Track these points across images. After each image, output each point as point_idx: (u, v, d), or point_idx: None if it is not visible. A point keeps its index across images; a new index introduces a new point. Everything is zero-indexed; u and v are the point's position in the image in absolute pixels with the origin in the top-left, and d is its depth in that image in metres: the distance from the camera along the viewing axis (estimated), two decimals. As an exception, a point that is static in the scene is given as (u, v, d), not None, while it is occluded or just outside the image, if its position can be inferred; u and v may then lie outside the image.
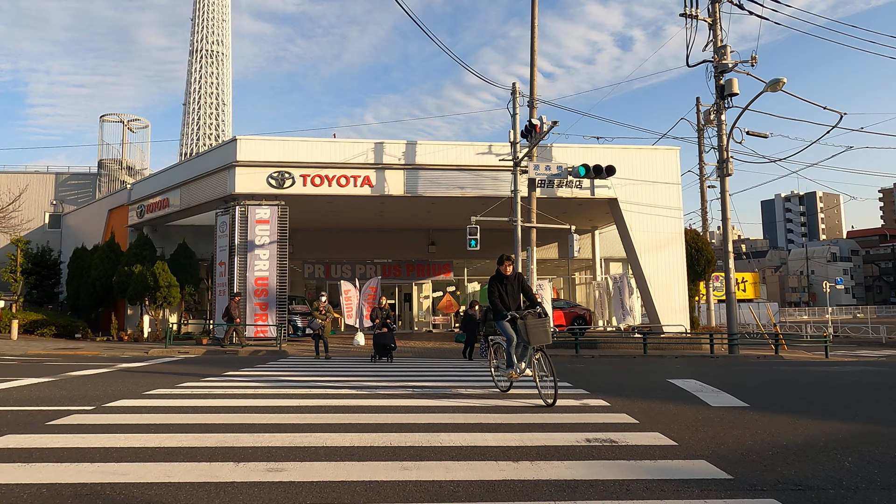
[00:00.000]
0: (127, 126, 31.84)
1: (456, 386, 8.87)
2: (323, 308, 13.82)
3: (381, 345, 13.15)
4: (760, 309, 42.77)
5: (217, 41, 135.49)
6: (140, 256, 22.65)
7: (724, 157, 17.52)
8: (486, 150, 19.90)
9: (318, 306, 13.84)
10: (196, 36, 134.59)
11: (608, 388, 8.69)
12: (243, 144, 18.95)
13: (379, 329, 13.22)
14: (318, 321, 13.69)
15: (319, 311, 13.76)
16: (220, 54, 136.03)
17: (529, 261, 17.40)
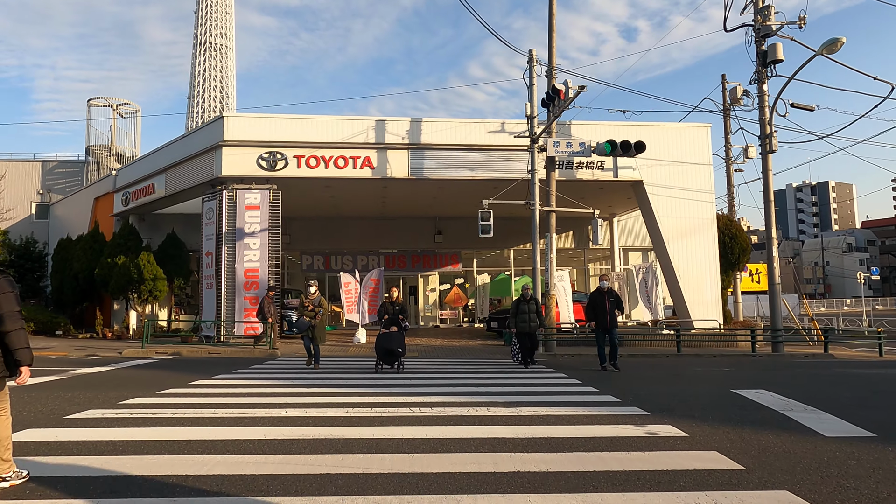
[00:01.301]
0: (116, 111, 30.12)
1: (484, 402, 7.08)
2: (310, 302, 10.84)
3: (386, 350, 10.33)
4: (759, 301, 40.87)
5: (221, 34, 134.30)
6: (124, 247, 20.97)
7: (768, 131, 15.64)
8: (499, 128, 18.07)
9: (305, 300, 11.07)
10: (199, 29, 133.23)
11: (666, 403, 6.91)
12: (231, 123, 17.18)
13: (387, 328, 10.67)
14: (304, 319, 10.90)
15: (306, 307, 10.96)
16: (224, 47, 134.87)
17: (548, 249, 15.60)
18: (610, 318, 11.25)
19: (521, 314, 11.56)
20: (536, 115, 15.39)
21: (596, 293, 11.54)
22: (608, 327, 11.23)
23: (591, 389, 7.97)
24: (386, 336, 10.47)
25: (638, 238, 26.67)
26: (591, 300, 11.58)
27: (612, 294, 11.48)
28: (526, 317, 11.51)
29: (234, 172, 17.09)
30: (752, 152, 26.21)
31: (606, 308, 11.19)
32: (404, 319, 10.83)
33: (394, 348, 10.23)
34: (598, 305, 11.33)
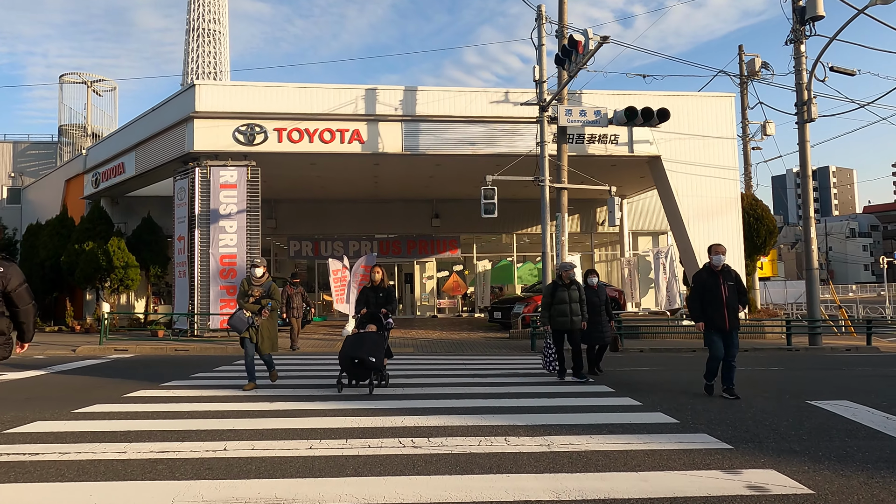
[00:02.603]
0: (91, 87, 28.19)
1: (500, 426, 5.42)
2: (257, 293, 7.30)
3: (352, 360, 7.00)
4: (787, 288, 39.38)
5: (214, 20, 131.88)
6: (92, 232, 19.23)
7: (806, 97, 13.92)
8: (502, 98, 16.31)
9: (247, 286, 7.43)
10: (192, 15, 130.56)
11: (743, 427, 5.23)
12: (203, 92, 15.38)
13: (361, 327, 7.59)
14: (243, 314, 7.22)
15: (248, 297, 7.33)
16: (218, 33, 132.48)
17: (559, 231, 13.92)
18: (730, 315, 6.78)
19: (558, 304, 8.21)
20: (546, 79, 13.64)
21: (704, 273, 7.09)
22: (728, 329, 6.76)
23: (631, 402, 6.32)
24: (356, 340, 7.20)
25: (648, 221, 25.02)
26: (697, 285, 7.07)
27: (731, 274, 7.03)
28: (566, 308, 8.18)
29: (208, 147, 15.32)
30: (770, 129, 24.55)
31: (724, 296, 6.77)
32: (389, 314, 7.72)
33: (365, 357, 6.94)
34: (709, 291, 6.87)
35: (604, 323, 8.80)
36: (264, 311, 7.29)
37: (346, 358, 7.05)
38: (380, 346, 7.21)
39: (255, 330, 7.26)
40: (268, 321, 7.37)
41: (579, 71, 11.42)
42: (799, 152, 14.18)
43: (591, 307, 8.58)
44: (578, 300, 8.28)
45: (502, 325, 17.55)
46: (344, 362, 7.10)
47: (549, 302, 8.33)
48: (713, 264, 7.08)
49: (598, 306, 8.73)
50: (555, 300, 8.26)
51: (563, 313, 8.21)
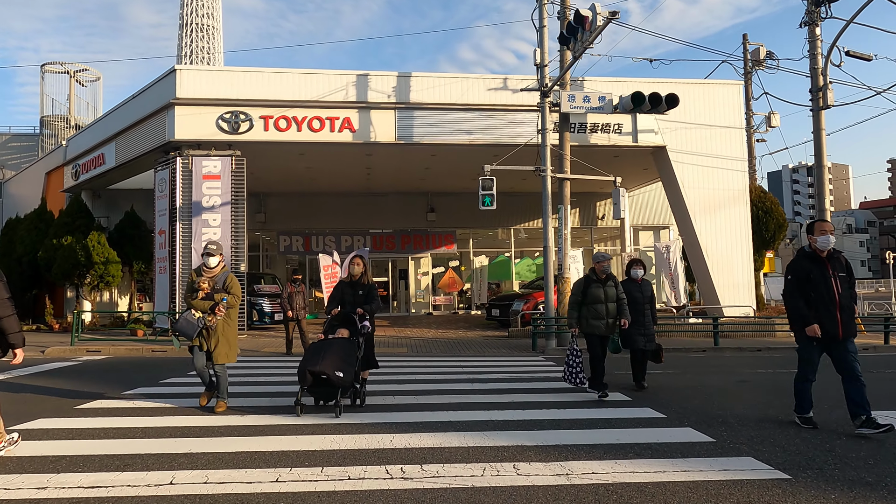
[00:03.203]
0: (74, 77, 27.23)
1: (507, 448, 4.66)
2: (207, 285, 5.88)
3: (313, 375, 5.54)
4: (788, 283, 38.69)
5: (207, 14, 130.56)
6: (71, 226, 18.34)
7: (822, 83, 13.19)
8: (501, 85, 15.53)
9: (197, 280, 5.97)
10: (186, 9, 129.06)
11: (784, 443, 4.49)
12: (185, 77, 14.53)
13: (330, 332, 6.20)
14: (192, 316, 5.78)
15: (197, 291, 5.90)
16: (211, 28, 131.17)
17: (562, 224, 13.17)
18: (845, 317, 5.02)
19: (592, 303, 6.78)
20: (548, 63, 12.85)
21: (805, 260, 5.20)
22: (841, 336, 5.02)
23: (652, 413, 5.58)
24: (319, 349, 5.77)
25: (649, 215, 24.31)
26: (796, 276, 5.20)
27: (841, 262, 5.21)
28: (601, 309, 6.72)
29: (190, 136, 14.48)
30: (775, 120, 23.89)
31: (836, 292, 5.00)
32: (367, 315, 6.27)
33: (329, 371, 5.45)
34: (815, 285, 5.07)
35: (648, 325, 7.31)
36: (219, 308, 5.75)
37: (305, 373, 5.49)
38: (350, 357, 5.71)
39: (207, 333, 5.73)
40: (224, 322, 5.83)
41: (585, 51, 10.64)
42: (814, 141, 13.47)
43: (634, 304, 7.16)
44: (616, 299, 6.82)
45: (500, 323, 16.82)
46: (302, 378, 5.52)
47: (580, 300, 6.85)
48: (818, 248, 5.09)
49: (641, 304, 7.26)
50: (587, 298, 6.78)
51: (597, 315, 6.72)
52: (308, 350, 5.96)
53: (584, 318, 6.80)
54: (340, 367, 5.56)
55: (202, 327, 5.76)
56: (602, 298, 6.77)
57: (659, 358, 7.45)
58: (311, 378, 5.51)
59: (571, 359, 6.96)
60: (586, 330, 6.79)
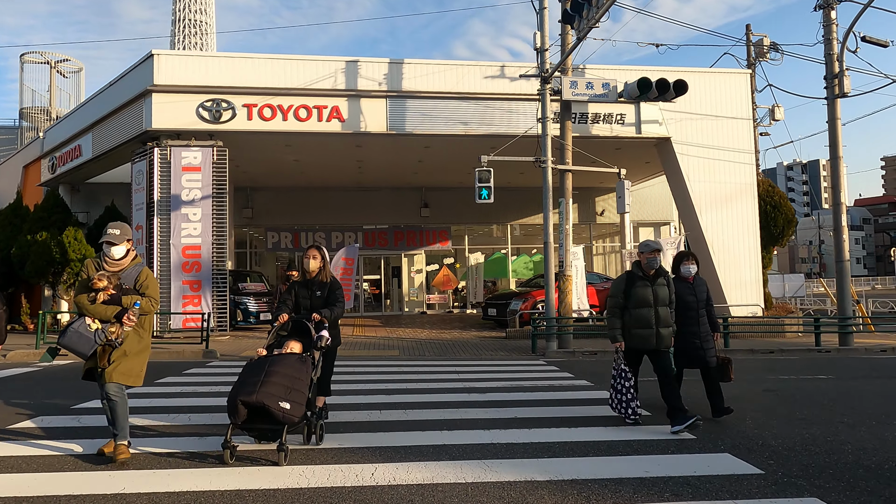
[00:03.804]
0: (55, 68, 26.29)
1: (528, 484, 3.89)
2: (108, 284, 4.18)
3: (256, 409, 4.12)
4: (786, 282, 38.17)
5: (201, 10, 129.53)
6: (47, 221, 17.47)
7: (837, 70, 12.47)
8: (498, 73, 14.76)
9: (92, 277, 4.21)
10: (178, 5, 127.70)
11: (842, 473, 3.77)
12: (163, 62, 13.68)
13: (276, 346, 4.85)
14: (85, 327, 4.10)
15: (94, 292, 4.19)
16: (205, 24, 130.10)
17: (563, 219, 12.42)
18: None
19: (637, 307, 5.26)
20: (548, 47, 12.08)
21: None
22: None
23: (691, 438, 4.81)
24: (258, 368, 4.37)
25: (650, 211, 23.61)
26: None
27: None
28: (648, 314, 5.22)
29: (168, 125, 13.65)
30: (779, 113, 23.26)
31: None
32: (325, 322, 4.85)
33: (272, 403, 4.07)
34: None
35: (704, 334, 5.62)
36: (128, 315, 4.11)
37: (236, 404, 4.05)
38: (300, 381, 4.27)
39: (108, 350, 4.12)
40: (135, 335, 4.22)
41: (591, 30, 9.85)
42: (828, 131, 12.74)
43: (686, 309, 5.55)
44: (668, 301, 5.29)
45: (497, 322, 16.07)
46: (233, 411, 4.07)
47: (621, 303, 5.32)
48: None
49: (695, 309, 5.60)
50: (631, 301, 5.24)
51: (644, 322, 5.20)
52: (243, 371, 4.40)
53: (627, 329, 5.28)
54: (286, 396, 4.11)
55: (102, 343, 4.09)
56: (649, 301, 5.18)
57: (726, 375, 5.74)
58: (246, 411, 4.07)
59: (620, 382, 5.33)
60: (629, 342, 5.29)
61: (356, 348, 12.08)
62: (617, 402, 5.36)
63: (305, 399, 4.29)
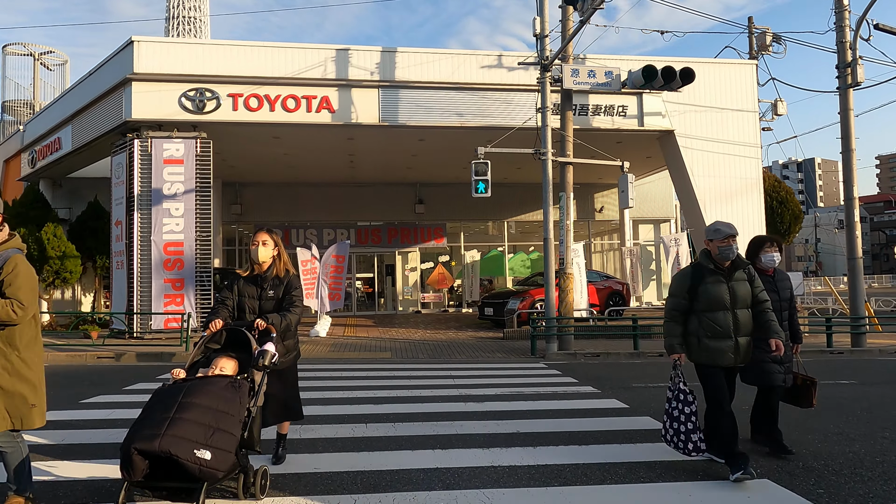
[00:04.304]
0: (39, 60, 25.54)
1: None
2: None
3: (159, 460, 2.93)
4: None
5: (194, 7, 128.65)
6: (25, 217, 16.80)
7: (850, 58, 11.93)
8: (495, 62, 14.17)
9: None
10: (172, 2, 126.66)
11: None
12: (143, 50, 13.02)
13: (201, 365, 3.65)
14: None
15: None
16: (199, 21, 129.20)
17: (564, 214, 11.83)
18: None
19: (708, 310, 4.01)
20: (548, 33, 11.49)
21: None
22: None
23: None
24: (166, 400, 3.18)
25: (649, 208, 23.08)
26: None
27: None
28: (725, 319, 3.98)
29: (149, 115, 13.00)
30: (782, 108, 22.73)
31: None
32: (271, 332, 3.70)
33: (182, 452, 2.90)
34: None
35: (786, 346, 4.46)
36: None
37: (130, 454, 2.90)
38: (226, 419, 3.12)
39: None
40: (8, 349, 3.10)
41: (595, 11, 9.25)
42: (840, 123, 12.20)
43: None
44: (755, 302, 4.05)
45: (494, 322, 15.49)
46: (126, 463, 2.92)
47: (685, 305, 4.07)
48: None
49: (777, 310, 4.39)
50: (700, 302, 3.99)
51: (718, 330, 3.95)
52: (148, 404, 3.20)
53: (693, 337, 4.02)
54: (206, 441, 2.95)
55: None
56: (725, 301, 3.96)
57: (807, 399, 4.53)
58: (146, 463, 2.91)
59: (678, 407, 4.00)
60: (699, 358, 4.01)
61: (347, 350, 11.48)
62: (673, 433, 4.00)
63: (236, 443, 3.08)
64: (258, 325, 3.66)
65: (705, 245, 4.15)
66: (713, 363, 3.98)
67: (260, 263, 3.94)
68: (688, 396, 3.99)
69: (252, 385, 3.41)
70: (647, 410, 5.80)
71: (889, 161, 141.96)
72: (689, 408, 3.95)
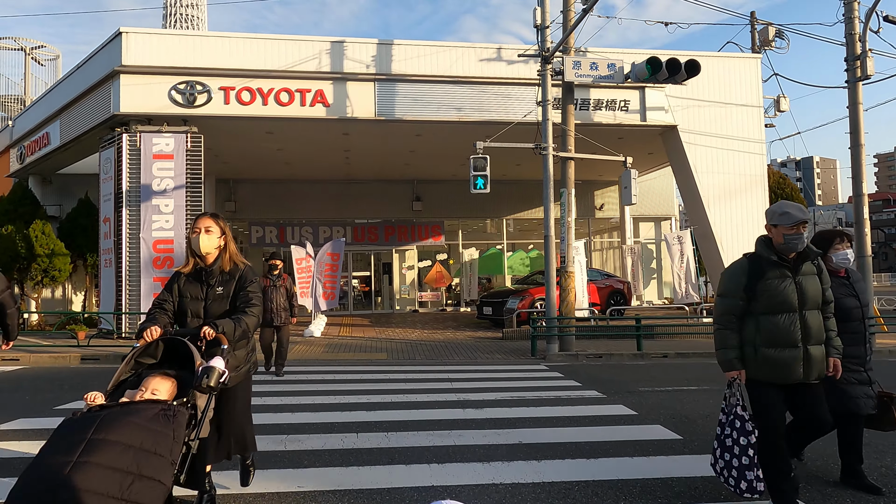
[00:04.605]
0: (30, 55, 25.13)
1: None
2: None
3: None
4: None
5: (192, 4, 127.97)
6: (13, 214, 16.44)
7: (859, 51, 11.60)
8: (494, 55, 13.81)
9: None
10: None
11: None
12: (132, 41, 12.64)
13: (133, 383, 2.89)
14: None
15: None
16: (196, 18, 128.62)
17: (565, 211, 11.48)
18: None
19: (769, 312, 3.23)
20: (549, 24, 11.14)
21: None
22: None
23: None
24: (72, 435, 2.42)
25: (650, 205, 22.74)
26: None
27: None
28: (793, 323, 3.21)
29: (138, 109, 12.62)
30: (784, 104, 22.41)
31: None
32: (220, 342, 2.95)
33: None
34: None
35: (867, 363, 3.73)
36: None
37: None
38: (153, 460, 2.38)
39: None
40: None
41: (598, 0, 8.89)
42: (849, 117, 11.88)
43: (844, 319, 3.60)
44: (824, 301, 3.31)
45: (493, 322, 15.15)
46: None
47: (743, 307, 3.29)
48: None
49: (858, 318, 3.72)
50: (761, 301, 3.23)
51: (784, 338, 3.20)
52: (49, 441, 2.43)
53: (749, 347, 3.24)
54: (122, 493, 2.24)
55: None
56: (793, 302, 3.20)
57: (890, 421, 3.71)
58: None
59: (731, 436, 3.26)
60: (756, 373, 3.23)
61: (342, 351, 11.13)
62: (724, 465, 3.25)
63: (165, 494, 2.35)
64: (206, 333, 2.90)
65: (766, 231, 3.36)
66: (775, 379, 3.16)
67: (203, 255, 3.21)
68: (746, 424, 3.20)
69: (194, 412, 2.64)
70: (657, 418, 5.46)
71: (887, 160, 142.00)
72: (747, 438, 3.17)
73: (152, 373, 2.83)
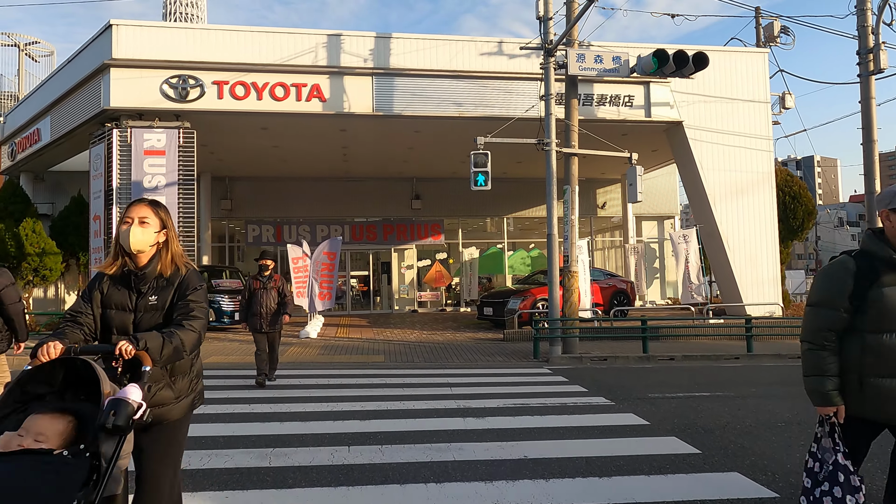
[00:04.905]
0: (24, 51, 24.77)
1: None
2: None
3: None
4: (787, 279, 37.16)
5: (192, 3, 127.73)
6: (4, 213, 16.07)
7: (872, 44, 11.25)
8: (495, 49, 13.46)
9: None
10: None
11: None
12: (123, 34, 12.28)
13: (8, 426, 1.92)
14: None
15: None
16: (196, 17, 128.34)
17: (568, 208, 11.14)
18: None
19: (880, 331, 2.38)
20: (552, 16, 10.79)
21: None
22: None
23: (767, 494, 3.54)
24: None
25: (653, 204, 22.39)
26: None
27: None
28: None
29: (129, 104, 12.27)
30: (790, 101, 22.07)
31: None
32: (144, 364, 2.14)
33: None
34: None
35: None
36: None
37: None
38: None
39: None
40: None
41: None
42: (861, 112, 11.54)
43: None
44: None
45: (494, 322, 14.80)
46: None
47: (846, 320, 2.46)
48: None
49: None
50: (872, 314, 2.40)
51: None
52: None
53: (852, 375, 2.45)
54: None
55: None
56: None
57: None
58: None
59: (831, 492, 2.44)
60: (861, 409, 2.46)
61: (338, 353, 10.79)
62: None
63: None
64: (122, 349, 2.12)
65: (881, 221, 2.46)
66: (885, 419, 2.41)
67: (133, 253, 2.42)
68: (852, 478, 2.41)
69: (95, 462, 1.82)
70: (670, 428, 5.11)
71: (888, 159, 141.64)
72: (855, 497, 2.39)
73: (42, 409, 1.97)
